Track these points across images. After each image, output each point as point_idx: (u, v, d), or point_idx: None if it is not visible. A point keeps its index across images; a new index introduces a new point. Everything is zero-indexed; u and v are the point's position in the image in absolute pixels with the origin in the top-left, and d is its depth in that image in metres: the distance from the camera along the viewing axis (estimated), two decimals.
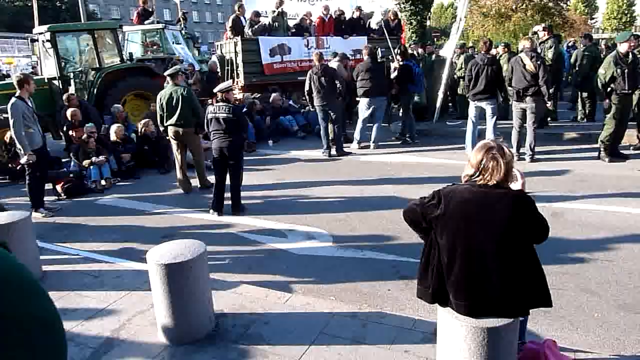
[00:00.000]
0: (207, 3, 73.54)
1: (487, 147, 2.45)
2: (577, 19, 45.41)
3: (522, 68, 7.59)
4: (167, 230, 5.86)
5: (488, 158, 2.41)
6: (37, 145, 6.45)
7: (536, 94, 7.58)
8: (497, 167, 2.39)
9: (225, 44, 13.15)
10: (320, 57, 9.13)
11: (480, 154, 2.45)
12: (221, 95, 6.30)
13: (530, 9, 33.39)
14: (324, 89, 8.88)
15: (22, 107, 6.23)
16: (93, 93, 10.38)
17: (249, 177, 7.76)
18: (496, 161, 2.39)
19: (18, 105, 6.19)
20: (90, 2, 48.61)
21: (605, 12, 69.50)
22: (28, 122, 6.28)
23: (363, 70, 9.41)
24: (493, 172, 2.39)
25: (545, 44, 9.67)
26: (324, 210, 6.32)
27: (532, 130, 7.84)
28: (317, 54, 9.27)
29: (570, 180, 7.03)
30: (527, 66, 7.52)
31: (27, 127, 6.26)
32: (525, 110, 7.82)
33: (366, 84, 9.38)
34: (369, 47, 9.69)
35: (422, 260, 2.66)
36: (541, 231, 2.46)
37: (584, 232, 5.14)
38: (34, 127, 6.39)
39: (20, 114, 6.17)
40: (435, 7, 51.12)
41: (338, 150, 9.25)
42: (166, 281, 3.28)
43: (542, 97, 7.59)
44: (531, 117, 7.79)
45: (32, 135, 6.35)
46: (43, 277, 4.53)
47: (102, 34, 11.00)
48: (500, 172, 2.38)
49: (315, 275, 4.56)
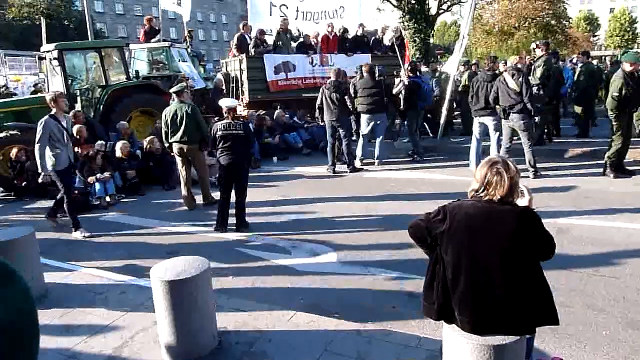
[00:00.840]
0: (213, 22, 74.54)
1: (491, 162, 2.46)
2: (579, 36, 45.69)
3: (506, 87, 7.64)
4: (171, 247, 5.85)
5: (492, 173, 2.41)
6: (64, 166, 6.22)
7: (522, 112, 7.60)
8: (501, 181, 2.39)
9: (231, 62, 13.29)
10: (338, 73, 9.19)
11: (485, 169, 2.45)
12: (229, 113, 6.33)
13: (533, 27, 33.63)
14: (335, 105, 8.93)
15: (52, 126, 6.04)
16: (99, 110, 10.46)
17: (253, 194, 7.75)
18: (500, 176, 2.39)
19: (47, 124, 6.02)
20: (97, 20, 49.36)
21: (608, 30, 69.92)
22: (56, 142, 6.06)
23: (362, 88, 9.48)
24: (497, 186, 2.39)
25: (538, 62, 9.75)
26: (329, 226, 6.31)
27: (529, 149, 7.81)
28: (335, 70, 9.33)
29: (576, 196, 7.00)
30: (509, 85, 7.57)
31: (53, 147, 6.05)
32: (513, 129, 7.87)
33: (365, 101, 9.45)
34: (368, 65, 9.78)
35: (428, 277, 2.64)
36: (547, 248, 2.44)
37: (590, 249, 5.09)
38: (62, 148, 6.14)
39: (47, 133, 5.99)
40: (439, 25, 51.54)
41: (349, 166, 9.25)
42: (170, 298, 3.26)
43: (529, 114, 7.61)
44: (524, 136, 7.79)
45: (58, 157, 6.11)
46: (46, 293, 4.51)
47: (109, 52, 11.13)
48: (504, 186, 2.38)
49: (320, 291, 4.53)
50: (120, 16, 61.67)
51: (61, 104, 6.27)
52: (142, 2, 61.82)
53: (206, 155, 7.95)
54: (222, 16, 76.09)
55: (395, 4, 23.54)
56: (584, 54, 12.22)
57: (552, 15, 34.05)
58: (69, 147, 6.34)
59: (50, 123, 6.06)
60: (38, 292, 4.44)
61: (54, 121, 6.11)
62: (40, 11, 38.18)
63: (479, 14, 28.64)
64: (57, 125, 6.10)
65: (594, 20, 72.84)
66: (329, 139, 9.33)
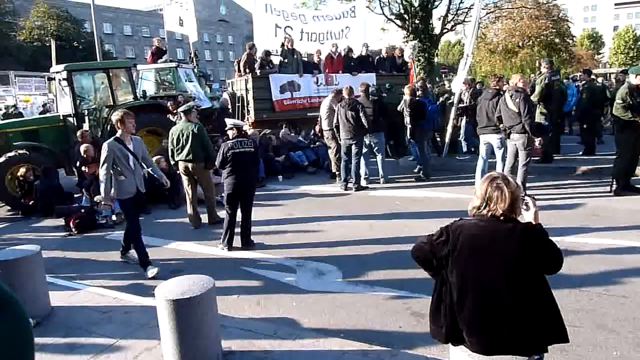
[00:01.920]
0: (220, 43, 75.58)
1: (491, 178, 2.46)
2: (583, 54, 45.93)
3: (505, 107, 7.64)
4: (176, 265, 5.85)
5: (493, 188, 2.40)
6: (128, 195, 5.57)
7: (522, 131, 7.55)
8: (501, 196, 2.38)
9: (237, 82, 13.42)
10: (350, 91, 9.26)
11: (485, 184, 2.45)
12: (237, 131, 6.37)
13: (537, 45, 33.84)
14: (350, 123, 8.98)
15: (116, 149, 5.45)
16: (107, 129, 10.56)
17: (258, 212, 7.76)
18: (501, 190, 2.38)
19: (110, 149, 5.42)
20: (106, 42, 50.16)
21: (612, 48, 70.25)
22: (120, 166, 5.47)
23: None
24: (498, 201, 2.38)
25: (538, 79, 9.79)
26: (334, 245, 6.28)
27: (523, 171, 7.70)
28: (347, 88, 9.36)
29: (583, 214, 6.95)
30: (508, 105, 7.56)
31: (117, 172, 5.48)
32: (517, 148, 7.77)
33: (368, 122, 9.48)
34: (364, 85, 9.85)
35: (434, 298, 2.60)
36: (554, 261, 2.40)
37: (598, 267, 5.04)
38: (127, 173, 5.52)
39: (111, 156, 5.40)
40: (443, 44, 51.99)
41: (355, 184, 9.27)
42: (174, 317, 3.25)
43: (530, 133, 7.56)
44: (522, 156, 7.69)
45: (121, 183, 5.51)
46: (51, 312, 4.51)
47: (117, 72, 11.28)
48: (505, 201, 2.37)
49: (325, 311, 4.49)
50: (128, 37, 62.66)
51: (128, 125, 5.58)
52: (149, 23, 62.83)
53: (212, 173, 7.97)
54: (228, 37, 77.21)
55: (399, 24, 23.83)
56: (586, 72, 12.32)
57: (555, 33, 34.29)
58: (137, 173, 5.67)
59: (113, 147, 5.45)
60: (43, 310, 4.44)
61: (118, 144, 5.49)
62: (50, 33, 38.91)
63: (483, 32, 28.90)
64: (122, 149, 5.50)
65: (598, 38, 73.32)
66: (342, 157, 9.38)
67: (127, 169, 5.51)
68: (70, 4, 49.32)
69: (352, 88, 9.47)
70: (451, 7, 23.60)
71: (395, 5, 23.53)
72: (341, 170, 9.42)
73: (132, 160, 5.56)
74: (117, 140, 5.51)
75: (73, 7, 47.85)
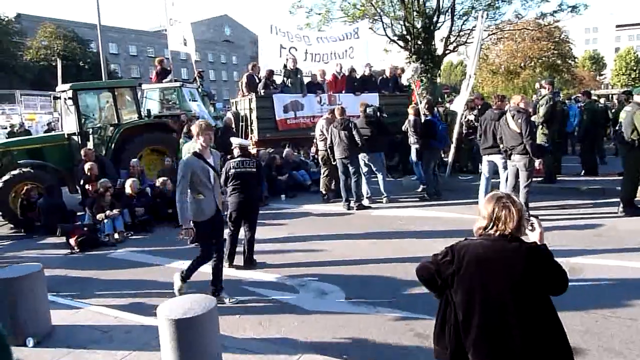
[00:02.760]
0: (224, 62, 76.41)
1: (496, 197, 2.46)
2: (585, 75, 46.23)
3: (507, 128, 7.63)
4: None
5: (500, 207, 2.40)
6: (205, 217, 5.00)
7: (523, 152, 7.55)
8: (509, 215, 2.38)
9: (240, 101, 13.52)
10: (342, 111, 9.34)
11: (491, 204, 2.45)
12: (241, 151, 6.40)
13: (539, 66, 34.10)
14: (344, 142, 9.01)
15: (194, 166, 4.89)
16: (111, 148, 10.63)
17: (261, 231, 7.73)
18: (508, 209, 2.39)
19: (188, 164, 4.89)
20: (111, 61, 50.73)
21: (614, 69, 70.70)
22: (198, 185, 4.90)
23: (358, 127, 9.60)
24: (507, 220, 2.38)
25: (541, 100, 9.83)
26: (336, 264, 6.25)
27: (525, 193, 7.64)
28: (338, 108, 9.50)
29: (588, 234, 6.91)
30: (510, 125, 7.56)
31: (195, 191, 4.93)
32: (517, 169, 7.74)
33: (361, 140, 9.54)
34: (364, 105, 9.95)
35: (438, 319, 2.57)
36: (559, 282, 2.38)
37: (604, 289, 4.99)
38: (206, 191, 4.95)
39: (188, 173, 4.83)
40: (445, 65, 52.41)
41: (356, 202, 9.26)
42: (175, 337, 3.22)
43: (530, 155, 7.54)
44: (523, 177, 7.65)
45: (200, 203, 4.94)
46: (52, 331, 4.47)
47: (122, 91, 11.41)
48: (513, 220, 2.37)
49: (328, 331, 4.44)
50: (133, 57, 63.41)
51: (207, 138, 4.97)
52: (154, 44, 63.62)
53: None
54: (232, 57, 78.07)
55: (402, 45, 24.06)
56: (585, 93, 12.50)
57: (557, 54, 34.57)
58: (217, 190, 5.15)
59: (193, 163, 4.91)
60: (43, 329, 4.41)
61: (198, 160, 4.94)
62: (57, 53, 39.43)
63: (485, 53, 29.10)
64: (203, 165, 4.95)
65: (600, 59, 73.84)
66: (340, 176, 9.39)
67: (206, 187, 4.94)
68: (77, 25, 50.08)
69: (344, 108, 9.57)
70: (453, 28, 23.81)
71: (397, 26, 23.82)
72: (341, 191, 9.40)
73: (213, 176, 5.03)
74: (196, 155, 4.96)
75: (79, 28, 48.57)
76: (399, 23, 23.54)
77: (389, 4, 22.92)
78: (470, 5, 23.41)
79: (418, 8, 22.60)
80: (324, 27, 23.46)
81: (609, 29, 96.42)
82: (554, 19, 25.51)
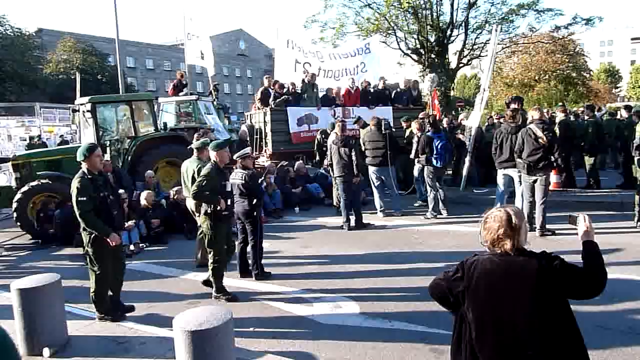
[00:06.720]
0: (238, 76, 77.20)
1: (493, 216, 2.48)
2: (601, 88, 45.79)
3: (533, 140, 7.39)
4: (193, 297, 5.83)
5: (482, 227, 2.46)
6: None
7: (547, 167, 7.43)
8: (488, 230, 2.43)
9: (255, 114, 13.64)
10: (342, 127, 9.19)
11: (489, 221, 2.47)
12: (239, 162, 6.47)
13: (553, 79, 33.90)
14: (343, 160, 8.81)
15: None
16: (127, 160, 10.76)
17: (274, 244, 7.76)
18: (484, 224, 2.45)
19: None
20: (129, 75, 51.52)
21: (630, 82, 70.02)
22: None
23: (369, 140, 9.60)
24: (503, 238, 2.38)
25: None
26: (351, 278, 6.22)
27: (542, 208, 7.52)
28: (339, 124, 9.20)
29: (605, 249, 6.76)
30: (539, 138, 7.35)
31: None
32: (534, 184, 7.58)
33: (371, 153, 9.53)
34: (375, 118, 9.85)
35: (454, 336, 2.54)
36: (582, 287, 2.31)
37: (623, 305, 4.89)
38: None
39: None
40: (459, 78, 52.38)
41: (357, 222, 8.98)
42: (191, 349, 3.23)
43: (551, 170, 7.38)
44: (540, 191, 7.51)
45: None
46: (68, 342, 4.51)
47: (139, 104, 11.57)
48: (510, 237, 2.36)
49: (342, 346, 4.42)
50: (150, 71, 64.32)
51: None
52: (170, 57, 64.54)
53: None
54: (247, 70, 78.88)
55: (415, 58, 24.14)
56: (589, 108, 12.41)
57: (572, 67, 34.36)
58: None
59: None
60: (60, 340, 4.44)
61: None
62: (75, 66, 40.18)
63: (499, 67, 29.07)
64: None
65: (615, 72, 73.18)
66: (340, 194, 9.16)
67: None
68: (96, 39, 51.02)
69: (345, 125, 9.46)
70: (467, 42, 23.85)
71: (411, 40, 23.91)
72: (342, 209, 9.04)
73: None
74: None
75: (98, 42, 49.47)
76: (413, 37, 23.67)
77: (403, 18, 23.06)
78: (484, 19, 23.47)
79: (432, 22, 22.72)
80: (337, 42, 23.65)
81: (625, 41, 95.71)
82: (568, 32, 25.42)
